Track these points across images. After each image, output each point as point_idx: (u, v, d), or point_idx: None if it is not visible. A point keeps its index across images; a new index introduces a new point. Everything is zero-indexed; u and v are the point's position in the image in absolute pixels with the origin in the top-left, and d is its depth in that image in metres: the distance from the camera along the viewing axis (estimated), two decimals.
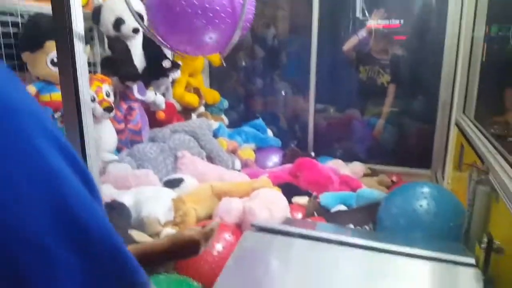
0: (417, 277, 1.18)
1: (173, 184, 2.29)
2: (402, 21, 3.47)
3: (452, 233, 1.57)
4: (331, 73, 3.96)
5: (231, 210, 1.93)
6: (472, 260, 1.19)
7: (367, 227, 1.92)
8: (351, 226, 1.97)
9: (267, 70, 4.23)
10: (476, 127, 1.90)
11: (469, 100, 2.30)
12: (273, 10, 4.33)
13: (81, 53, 1.27)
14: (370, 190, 2.28)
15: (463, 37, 2.36)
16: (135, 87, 2.86)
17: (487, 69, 2.29)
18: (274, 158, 3.37)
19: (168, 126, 2.92)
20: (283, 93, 4.23)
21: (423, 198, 1.64)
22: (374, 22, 3.50)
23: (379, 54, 3.52)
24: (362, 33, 3.49)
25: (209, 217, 2.07)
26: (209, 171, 2.49)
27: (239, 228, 1.93)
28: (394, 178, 3.01)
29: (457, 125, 2.27)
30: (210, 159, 2.74)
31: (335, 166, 3.17)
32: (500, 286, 1.09)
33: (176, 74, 3.28)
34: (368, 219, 1.97)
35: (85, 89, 1.30)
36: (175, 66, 3.02)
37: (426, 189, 1.68)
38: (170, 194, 2.10)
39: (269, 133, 3.79)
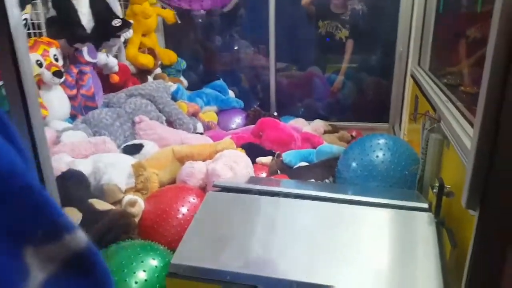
0: (374, 224, 1.23)
1: (132, 150, 2.23)
2: None
3: (407, 181, 1.64)
4: (290, 29, 3.89)
5: (193, 173, 1.92)
6: (425, 205, 1.25)
7: (327, 181, 1.97)
8: (312, 180, 2.01)
9: (226, 27, 4.10)
10: (430, 78, 1.95)
11: (424, 52, 2.34)
12: None
13: (16, 11, 1.15)
14: (329, 145, 2.33)
15: None
16: (85, 50, 2.70)
17: (443, 21, 2.32)
18: (237, 120, 3.35)
19: (123, 90, 2.81)
20: (243, 51, 4.14)
21: (379, 149, 1.69)
22: None
23: (338, 9, 3.48)
24: None
25: (172, 181, 2.05)
26: (170, 136, 2.44)
27: (203, 190, 1.93)
28: (354, 133, 3.08)
29: (413, 77, 2.32)
30: (170, 123, 2.68)
31: (297, 124, 3.20)
32: (450, 227, 1.15)
33: (128, 34, 3.13)
34: (328, 173, 2.02)
35: (23, 53, 1.20)
36: (126, 24, 2.86)
37: (382, 140, 1.73)
38: (129, 160, 2.04)
39: (231, 94, 3.74)
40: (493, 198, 0.75)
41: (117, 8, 3.14)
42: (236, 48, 4.14)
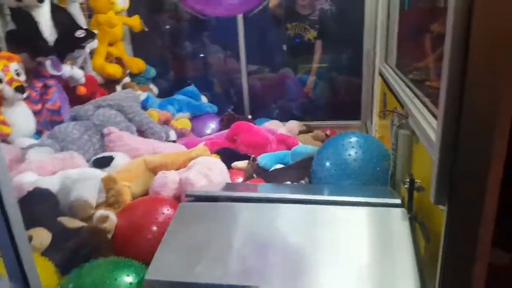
0: (350, 223, 1.23)
1: (102, 163, 2.17)
2: None
3: (380, 177, 1.65)
4: (260, 32, 3.91)
5: (166, 183, 1.87)
6: (398, 201, 1.26)
7: (303, 181, 1.97)
8: (288, 182, 2.00)
9: (195, 32, 4.06)
10: (397, 74, 1.97)
11: (390, 49, 2.37)
12: None
13: None
14: (304, 146, 2.33)
15: None
16: (48, 63, 2.61)
17: (407, 17, 2.35)
18: (211, 125, 3.31)
19: (91, 101, 2.73)
20: (214, 56, 4.12)
21: (351, 148, 1.70)
22: None
23: (305, 9, 3.51)
24: None
25: (146, 193, 1.99)
26: (141, 146, 2.38)
27: (178, 200, 1.88)
28: (328, 132, 3.09)
29: (381, 74, 2.35)
30: (141, 133, 2.62)
31: (272, 126, 3.19)
32: (423, 221, 1.16)
33: (93, 44, 3.05)
34: (303, 173, 2.01)
35: None
36: (90, 35, 2.79)
37: (353, 139, 1.74)
38: (99, 174, 1.98)
39: (204, 99, 3.70)
40: (460, 192, 0.75)
41: (81, 19, 3.06)
42: (206, 53, 4.12)
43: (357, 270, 1.07)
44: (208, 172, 1.93)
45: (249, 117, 3.60)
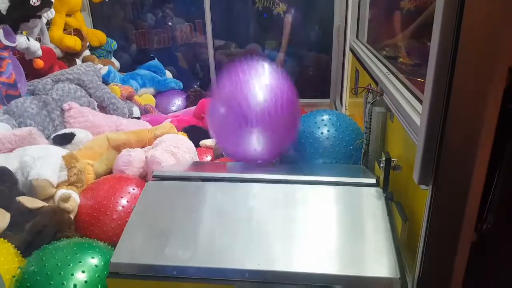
0: (323, 202, 1.21)
1: (63, 140, 2.04)
2: None
3: (353, 156, 1.65)
4: (227, 5, 3.78)
5: (131, 161, 1.79)
6: (373, 180, 1.25)
7: (274, 160, 1.93)
8: (259, 161, 1.97)
9: (158, 4, 3.88)
10: (370, 51, 1.95)
11: (361, 25, 2.35)
12: None
13: None
14: None
15: None
16: (0, 32, 2.40)
17: None
18: (176, 102, 3.20)
19: (49, 75, 2.55)
20: (178, 29, 3.96)
21: (323, 126, 1.68)
22: None
23: None
24: None
25: (109, 172, 1.90)
26: (104, 122, 2.26)
27: (144, 179, 1.81)
28: None
29: (352, 50, 2.32)
30: (102, 108, 2.49)
31: None
32: (399, 200, 1.16)
33: (50, 14, 2.83)
34: None
35: None
36: (45, 3, 2.57)
37: (325, 116, 1.71)
38: (60, 152, 1.86)
39: (168, 75, 3.56)
40: (445, 172, 0.74)
41: None
42: (170, 25, 3.95)
43: (333, 250, 1.05)
44: (175, 150, 1.86)
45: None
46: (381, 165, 1.16)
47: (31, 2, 2.53)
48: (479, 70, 0.66)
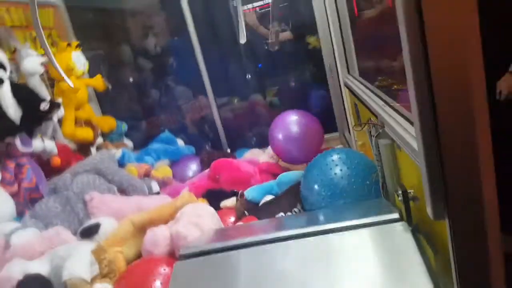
0: (354, 248, 1.20)
1: (90, 232, 2.08)
2: None
3: (372, 190, 1.63)
4: (222, 64, 3.94)
5: (157, 241, 1.81)
6: (396, 215, 1.24)
7: (296, 210, 1.93)
8: (281, 214, 1.96)
9: (159, 79, 4.08)
10: (362, 83, 1.99)
11: (350, 59, 2.40)
12: (147, 19, 4.18)
13: None
14: (288, 173, 2.30)
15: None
16: (17, 141, 2.54)
17: (360, 24, 2.39)
18: (192, 167, 3.26)
19: (68, 170, 2.66)
20: (183, 97, 4.12)
21: (335, 165, 1.68)
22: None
23: (274, 46, 3.52)
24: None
25: (140, 255, 1.92)
26: (126, 205, 2.31)
27: (173, 256, 1.81)
28: None
29: (346, 86, 2.37)
30: (123, 191, 2.55)
31: (253, 156, 3.16)
32: (426, 231, 1.14)
33: (60, 113, 3.00)
34: (294, 201, 1.98)
35: None
36: (54, 106, 2.74)
37: (335, 156, 1.72)
38: (88, 246, 1.90)
39: (180, 143, 3.66)
40: (457, 201, 0.74)
41: (43, 90, 3.02)
42: (174, 96, 4.12)
43: None
44: (198, 220, 1.87)
45: (228, 151, 3.57)
46: (400, 198, 1.15)
47: (41, 108, 2.70)
48: (456, 84, 0.68)
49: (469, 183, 0.75)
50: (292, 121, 2.73)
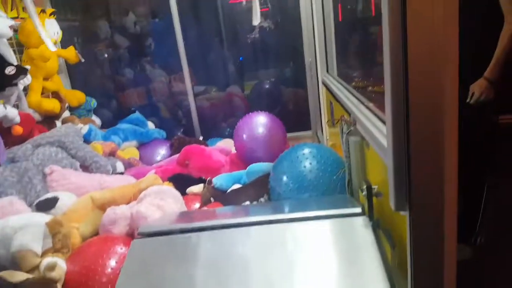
0: (314, 238, 1.20)
1: (46, 205, 2.00)
2: None
3: (337, 186, 1.65)
4: (202, 52, 3.89)
5: (116, 220, 1.76)
6: (358, 209, 1.25)
7: (262, 199, 1.93)
8: (248, 202, 1.96)
9: (135, 58, 3.98)
10: (340, 83, 2.01)
11: (330, 59, 2.43)
12: None
13: None
14: (258, 164, 2.30)
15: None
16: None
17: (344, 29, 2.42)
18: (161, 151, 3.19)
19: (29, 140, 2.54)
20: (158, 80, 4.04)
21: (305, 159, 1.69)
22: None
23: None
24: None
25: (97, 233, 1.86)
26: (88, 182, 2.23)
27: (132, 237, 1.77)
28: None
29: (324, 84, 2.38)
30: (86, 168, 2.47)
31: (225, 145, 3.13)
32: (386, 227, 1.16)
33: (26, 81, 2.86)
34: (262, 191, 1.97)
35: None
36: (21, 71, 2.62)
37: (306, 150, 1.73)
38: (43, 218, 1.82)
39: (151, 125, 3.58)
40: (419, 195, 0.74)
41: (10, 54, 2.87)
42: (149, 78, 4.03)
43: (329, 285, 1.04)
44: (161, 203, 1.83)
45: (201, 138, 3.53)
46: (364, 193, 1.17)
47: (6, 72, 2.57)
48: (431, 84, 0.69)
49: (432, 179, 0.76)
50: (257, 124, 2.71)
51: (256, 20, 2.57)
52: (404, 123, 0.75)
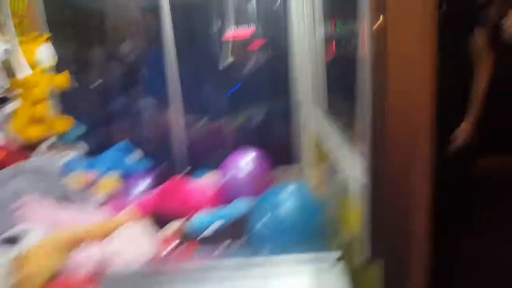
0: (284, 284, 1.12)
1: (13, 240, 1.89)
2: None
3: (318, 229, 1.57)
4: (197, 83, 3.90)
5: (84, 261, 1.64)
6: (337, 255, 1.17)
7: (241, 241, 1.83)
8: (226, 243, 1.86)
9: (128, 86, 3.98)
10: (326, 120, 1.95)
11: (321, 94, 2.39)
12: (126, 24, 4.12)
13: None
14: (239, 202, 2.20)
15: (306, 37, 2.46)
16: None
17: (336, 64, 2.41)
18: (144, 184, 3.09)
19: (5, 170, 2.45)
20: (148, 109, 4.02)
21: (285, 201, 1.62)
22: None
23: None
24: None
25: (61, 274, 1.74)
26: (61, 215, 2.12)
27: (101, 279, 1.65)
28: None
29: (312, 119, 2.33)
30: (62, 200, 2.36)
31: (212, 178, 3.04)
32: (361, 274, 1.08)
33: (13, 106, 2.81)
34: (241, 231, 1.89)
35: None
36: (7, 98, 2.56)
37: (288, 192, 1.67)
38: (8, 254, 1.71)
39: (138, 155, 3.50)
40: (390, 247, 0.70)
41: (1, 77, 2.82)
42: (140, 106, 4.01)
43: None
44: (135, 242, 1.73)
45: (188, 168, 3.46)
46: (342, 239, 1.09)
47: None
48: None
49: (403, 233, 0.73)
50: (242, 163, 2.67)
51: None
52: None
